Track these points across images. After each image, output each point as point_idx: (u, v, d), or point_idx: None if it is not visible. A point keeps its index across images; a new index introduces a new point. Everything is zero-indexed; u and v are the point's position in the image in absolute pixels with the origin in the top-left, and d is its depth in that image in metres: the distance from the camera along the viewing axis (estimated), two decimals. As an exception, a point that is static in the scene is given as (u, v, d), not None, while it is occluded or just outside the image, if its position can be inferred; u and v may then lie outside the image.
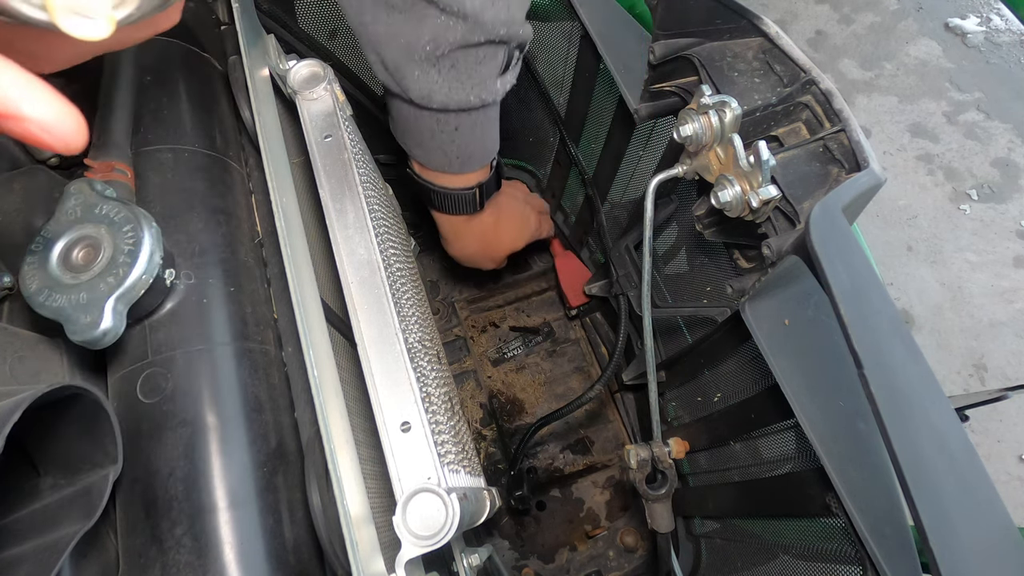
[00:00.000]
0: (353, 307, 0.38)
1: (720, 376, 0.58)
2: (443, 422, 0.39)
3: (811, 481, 0.42)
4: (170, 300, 0.40)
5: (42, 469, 0.35)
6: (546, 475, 0.86)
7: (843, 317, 0.28)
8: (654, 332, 0.54)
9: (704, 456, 0.64)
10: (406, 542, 0.31)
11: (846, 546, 0.41)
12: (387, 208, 0.52)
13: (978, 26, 1.82)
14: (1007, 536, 0.27)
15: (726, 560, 0.62)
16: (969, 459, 0.28)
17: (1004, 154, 1.63)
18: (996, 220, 1.55)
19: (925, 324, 1.44)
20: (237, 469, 0.37)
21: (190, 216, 0.43)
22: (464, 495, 0.34)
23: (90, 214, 0.37)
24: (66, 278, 0.35)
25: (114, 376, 0.39)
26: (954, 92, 1.73)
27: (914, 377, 0.29)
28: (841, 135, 0.37)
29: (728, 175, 0.37)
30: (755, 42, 0.42)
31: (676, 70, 0.45)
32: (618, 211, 0.74)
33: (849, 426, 0.37)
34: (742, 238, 0.44)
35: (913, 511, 0.26)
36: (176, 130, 0.46)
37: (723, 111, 0.37)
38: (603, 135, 0.66)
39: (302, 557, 0.38)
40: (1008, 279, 1.47)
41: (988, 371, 1.38)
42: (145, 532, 0.35)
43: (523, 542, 0.82)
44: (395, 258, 0.44)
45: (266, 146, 0.42)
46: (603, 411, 0.90)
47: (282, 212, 0.40)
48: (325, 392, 0.35)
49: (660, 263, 0.67)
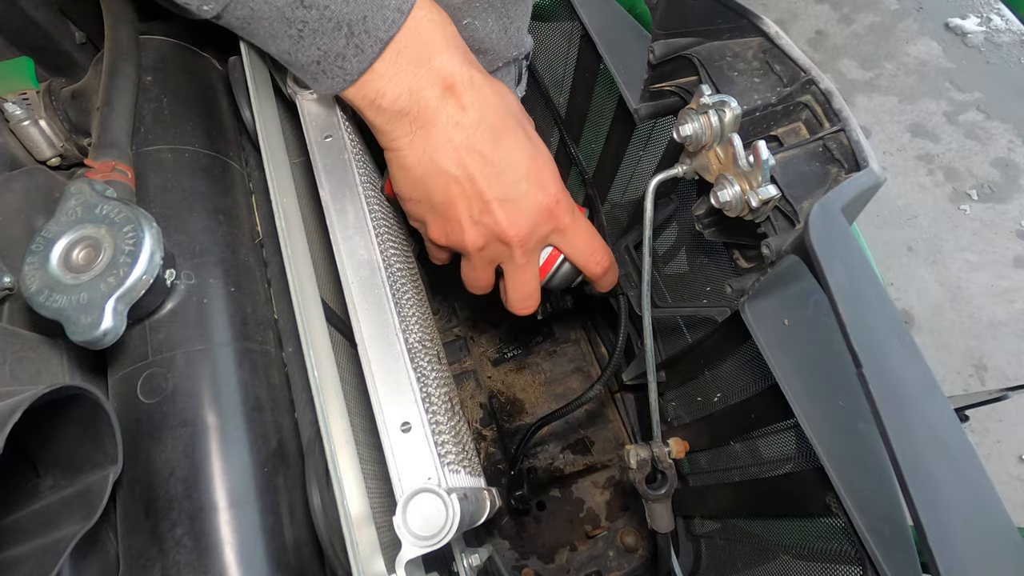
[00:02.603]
0: (353, 307, 0.38)
1: (720, 376, 0.58)
2: (443, 422, 0.39)
3: (811, 481, 0.42)
4: (170, 300, 0.40)
5: (42, 469, 0.35)
6: (546, 475, 0.86)
7: (842, 317, 0.28)
8: (654, 332, 0.54)
9: (704, 456, 0.64)
10: (406, 542, 0.31)
11: (846, 546, 0.41)
12: (387, 208, 0.52)
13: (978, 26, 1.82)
14: (1007, 536, 0.27)
15: (726, 560, 0.62)
16: (969, 459, 0.28)
17: (1004, 154, 1.64)
18: (996, 220, 1.55)
19: (925, 324, 1.44)
20: (237, 469, 0.37)
21: (190, 216, 0.43)
22: (464, 495, 0.34)
23: (90, 214, 0.37)
24: (66, 278, 0.35)
25: (114, 376, 0.39)
26: (954, 92, 1.73)
27: (913, 377, 0.29)
28: (841, 135, 0.37)
29: (728, 175, 0.37)
30: (755, 42, 0.42)
31: (676, 70, 0.46)
32: (618, 211, 0.74)
33: (849, 426, 0.37)
34: (742, 238, 0.44)
35: (912, 511, 0.26)
36: (176, 130, 0.46)
37: (723, 111, 0.37)
38: (603, 135, 0.66)
39: (302, 557, 0.38)
40: (1008, 279, 1.47)
41: (988, 371, 1.38)
42: (145, 532, 0.35)
43: (523, 542, 0.82)
44: (395, 258, 0.44)
45: (266, 146, 0.42)
46: (603, 411, 0.90)
47: (282, 212, 0.40)
48: (325, 392, 0.35)
49: (660, 263, 0.67)
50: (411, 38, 0.39)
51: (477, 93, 0.41)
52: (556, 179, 0.47)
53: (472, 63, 0.42)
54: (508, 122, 0.43)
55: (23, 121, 0.47)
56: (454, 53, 0.40)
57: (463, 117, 0.41)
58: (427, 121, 0.40)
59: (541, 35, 0.72)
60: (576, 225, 0.48)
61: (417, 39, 0.39)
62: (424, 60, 0.39)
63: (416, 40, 0.39)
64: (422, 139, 0.41)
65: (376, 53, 0.38)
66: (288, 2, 0.35)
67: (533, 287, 0.50)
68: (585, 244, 0.49)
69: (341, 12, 0.36)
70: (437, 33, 0.40)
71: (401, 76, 0.39)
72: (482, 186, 0.43)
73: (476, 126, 0.41)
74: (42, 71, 0.51)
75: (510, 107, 0.44)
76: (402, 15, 0.37)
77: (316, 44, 0.37)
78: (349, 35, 0.37)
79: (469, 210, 0.44)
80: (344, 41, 0.37)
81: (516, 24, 0.45)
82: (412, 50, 0.39)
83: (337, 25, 0.36)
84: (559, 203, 0.46)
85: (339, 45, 0.37)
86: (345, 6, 0.36)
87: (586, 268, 0.50)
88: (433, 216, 0.46)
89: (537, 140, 0.46)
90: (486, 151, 0.42)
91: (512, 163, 0.43)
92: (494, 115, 0.42)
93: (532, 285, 0.50)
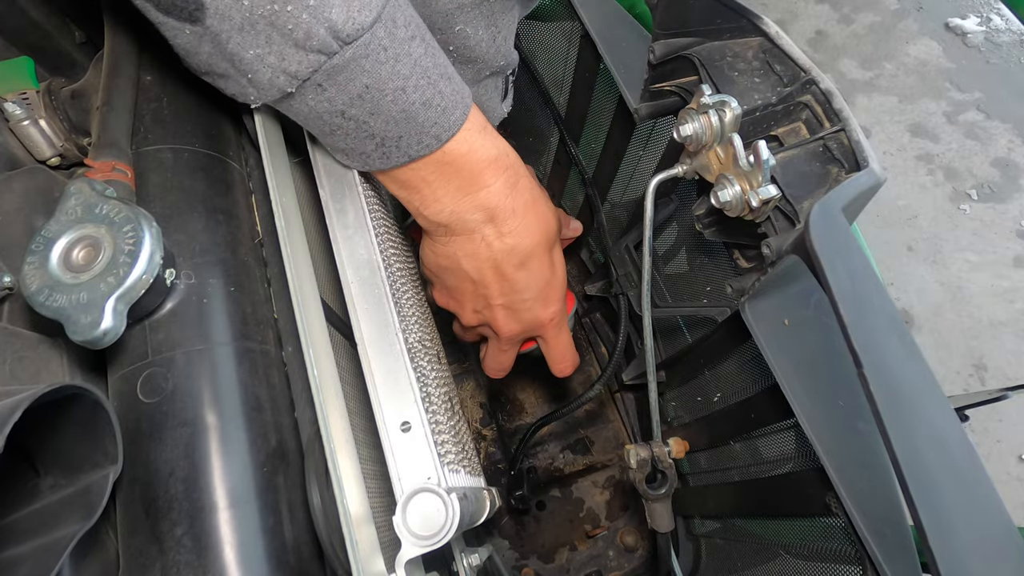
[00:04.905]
0: (353, 307, 0.38)
1: (720, 376, 0.58)
2: (443, 422, 0.39)
3: (811, 481, 0.42)
4: (170, 300, 0.40)
5: (42, 469, 0.35)
6: (546, 475, 0.86)
7: (842, 317, 0.28)
8: (654, 332, 0.54)
9: (704, 456, 0.64)
10: (406, 542, 0.31)
11: (846, 546, 0.41)
12: (387, 208, 0.52)
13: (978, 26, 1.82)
14: (1007, 536, 0.27)
15: (726, 560, 0.62)
16: (969, 459, 0.28)
17: (1004, 154, 1.64)
18: (996, 220, 1.55)
19: (925, 324, 1.44)
20: (237, 469, 0.37)
21: (190, 216, 0.43)
22: (464, 495, 0.34)
23: (90, 214, 0.37)
24: (66, 278, 0.35)
25: (114, 376, 0.39)
26: (954, 92, 1.73)
27: (914, 377, 0.29)
28: (841, 135, 0.37)
29: (728, 175, 0.37)
30: (755, 42, 0.42)
31: (676, 70, 0.46)
32: (618, 211, 0.74)
33: (849, 426, 0.37)
34: (742, 238, 0.44)
35: (912, 511, 0.26)
36: (176, 130, 0.46)
37: (723, 111, 0.37)
38: (603, 135, 0.66)
39: (302, 557, 0.38)
40: (1008, 279, 1.47)
41: (988, 371, 1.38)
42: (145, 532, 0.35)
43: (523, 542, 0.82)
44: (395, 258, 0.44)
45: (266, 146, 0.42)
46: (603, 411, 0.90)
47: (282, 212, 0.40)
48: (325, 392, 0.35)
49: (660, 263, 0.67)
50: (460, 164, 0.40)
51: (518, 221, 0.44)
52: (561, 296, 0.51)
53: (514, 188, 0.43)
54: (538, 249, 0.46)
55: (23, 121, 0.47)
56: (501, 185, 0.42)
57: (498, 242, 0.44)
58: (464, 233, 0.44)
59: (541, 35, 0.72)
60: (557, 337, 0.53)
61: (464, 165, 0.40)
62: (469, 190, 0.41)
63: (461, 168, 0.40)
64: (456, 243, 0.45)
65: (401, 162, 0.39)
66: (328, 109, 0.35)
67: (507, 365, 0.57)
68: (560, 352, 0.54)
69: (377, 128, 0.37)
70: (482, 162, 0.41)
71: (446, 198, 0.42)
72: (492, 294, 0.47)
73: (508, 251, 0.44)
74: (42, 71, 0.51)
75: (548, 232, 0.46)
76: (439, 142, 0.38)
77: (347, 143, 0.39)
78: (380, 145, 0.38)
79: (474, 304, 0.49)
80: (374, 146, 0.38)
81: (503, 34, 0.46)
82: (458, 178, 0.41)
83: (371, 136, 0.37)
84: (552, 320, 0.50)
85: (368, 147, 0.38)
86: (384, 125, 0.36)
87: (552, 366, 0.56)
88: (441, 288, 0.51)
89: (559, 260, 0.50)
90: (508, 272, 0.46)
91: (528, 285, 0.47)
92: (528, 242, 0.45)
93: (507, 364, 0.57)
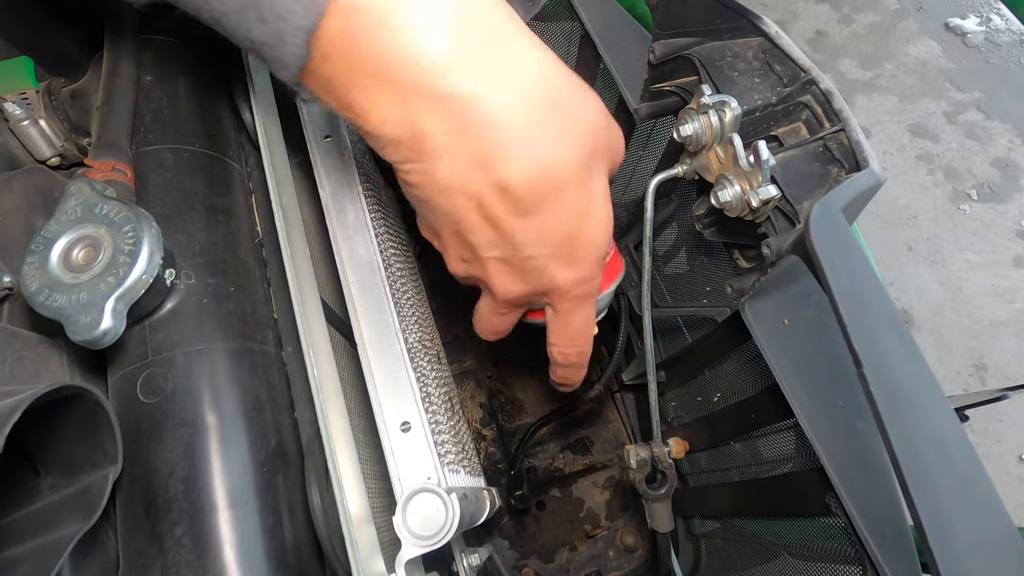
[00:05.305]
0: (353, 307, 0.38)
1: (720, 376, 0.58)
2: (443, 422, 0.39)
3: (811, 481, 0.42)
4: (170, 300, 0.40)
5: (42, 469, 0.35)
6: (546, 475, 0.86)
7: (842, 317, 0.28)
8: (654, 332, 0.54)
9: (704, 456, 0.64)
10: (406, 542, 0.31)
11: (846, 546, 0.41)
12: (387, 208, 0.52)
13: (978, 26, 1.82)
14: (1007, 536, 0.27)
15: (726, 560, 0.62)
16: (969, 459, 0.28)
17: (1004, 154, 1.64)
18: (996, 220, 1.55)
19: (925, 324, 1.44)
20: (237, 469, 0.37)
21: (190, 216, 0.43)
22: (464, 495, 0.34)
23: (90, 214, 0.37)
24: (66, 278, 0.35)
25: (114, 376, 0.39)
26: (954, 92, 1.73)
27: (914, 377, 0.29)
28: (841, 135, 0.37)
29: (728, 175, 0.37)
30: (755, 42, 0.42)
31: (676, 70, 0.45)
32: (618, 211, 0.74)
33: (849, 426, 0.37)
34: (742, 238, 0.44)
35: (912, 511, 0.26)
36: (176, 130, 0.46)
37: (723, 111, 0.37)
38: (603, 135, 0.65)
39: (302, 557, 0.38)
40: (1008, 279, 1.47)
41: (988, 371, 1.38)
42: (145, 532, 0.35)
43: (523, 542, 0.82)
44: (395, 258, 0.44)
45: (266, 146, 0.42)
46: (603, 411, 0.90)
47: (282, 212, 0.40)
48: (325, 392, 0.35)
49: (660, 263, 0.67)
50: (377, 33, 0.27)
51: (518, 132, 0.29)
52: (596, 256, 0.35)
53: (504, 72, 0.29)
54: (561, 180, 0.31)
55: (23, 121, 0.47)
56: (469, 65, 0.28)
57: (479, 171, 0.30)
58: (425, 154, 0.30)
59: (541, 35, 0.71)
60: (573, 313, 0.37)
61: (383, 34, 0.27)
62: (406, 78, 0.28)
63: (380, 36, 0.27)
64: (420, 171, 0.31)
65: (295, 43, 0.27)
66: None
67: (501, 330, 0.41)
68: (569, 336, 0.39)
69: None
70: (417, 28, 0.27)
71: (380, 96, 0.29)
72: (480, 243, 0.33)
73: (497, 186, 0.30)
74: (42, 71, 0.51)
75: (580, 148, 0.31)
76: None
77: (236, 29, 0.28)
78: (261, 20, 0.27)
79: (459, 252, 0.35)
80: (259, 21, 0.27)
81: None
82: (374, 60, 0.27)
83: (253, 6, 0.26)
84: (571, 291, 0.35)
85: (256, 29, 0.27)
86: None
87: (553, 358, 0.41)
88: (423, 221, 0.37)
89: (600, 197, 0.33)
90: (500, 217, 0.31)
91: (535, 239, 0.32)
92: (538, 170, 0.30)
93: (501, 328, 0.41)
